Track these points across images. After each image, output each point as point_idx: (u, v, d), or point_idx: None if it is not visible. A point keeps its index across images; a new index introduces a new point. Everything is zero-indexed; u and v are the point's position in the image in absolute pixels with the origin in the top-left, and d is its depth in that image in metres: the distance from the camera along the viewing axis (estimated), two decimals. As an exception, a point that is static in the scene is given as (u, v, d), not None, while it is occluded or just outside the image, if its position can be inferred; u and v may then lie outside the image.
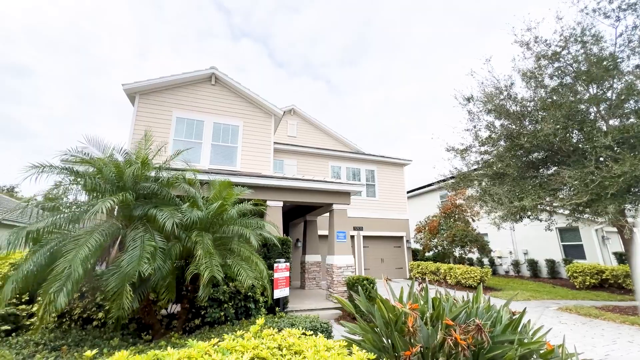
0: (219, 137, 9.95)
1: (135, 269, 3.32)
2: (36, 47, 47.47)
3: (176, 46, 62.80)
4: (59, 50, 48.86)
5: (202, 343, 2.39)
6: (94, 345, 3.68)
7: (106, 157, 4.29)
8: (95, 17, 45.01)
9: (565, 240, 14.49)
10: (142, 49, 60.31)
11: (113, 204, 3.36)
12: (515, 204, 7.64)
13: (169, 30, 59.17)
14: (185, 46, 63.45)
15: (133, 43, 58.55)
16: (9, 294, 3.25)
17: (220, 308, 4.76)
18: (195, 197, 4.37)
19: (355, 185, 8.34)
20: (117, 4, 48.65)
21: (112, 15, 46.83)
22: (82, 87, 55.12)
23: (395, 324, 3.02)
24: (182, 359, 2.11)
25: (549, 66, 8.71)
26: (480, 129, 10.03)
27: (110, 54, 54.75)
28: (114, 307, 3.43)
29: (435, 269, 13.33)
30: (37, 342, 3.65)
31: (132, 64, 61.64)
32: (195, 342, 2.44)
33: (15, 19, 40.83)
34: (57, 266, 3.30)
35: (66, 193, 4.01)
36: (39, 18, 43.63)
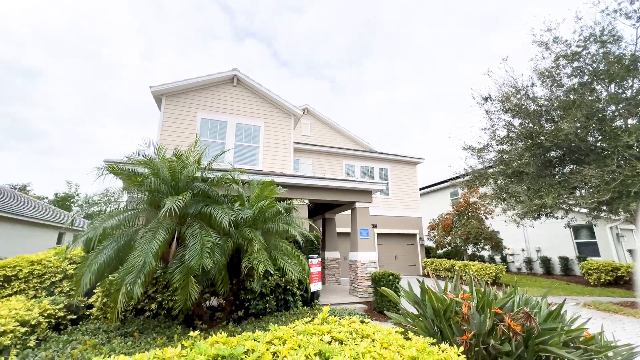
0: (242, 137, 10.23)
1: (198, 263, 3.60)
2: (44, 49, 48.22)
3: (181, 47, 63.13)
4: (65, 52, 49.52)
5: (285, 327, 2.67)
6: (157, 333, 3.98)
7: (159, 159, 4.57)
8: (100, 19, 45.51)
9: (579, 237, 14.58)
10: (147, 50, 60.88)
11: (181, 203, 3.64)
12: (535, 201, 7.81)
13: (173, 31, 59.60)
14: (191, 47, 63.72)
15: (138, 45, 59.16)
16: (87, 285, 3.56)
17: (263, 300, 5.04)
18: (241, 195, 4.65)
19: (377, 184, 8.58)
20: (120, 6, 49.15)
21: (116, 17, 47.38)
22: (90, 89, 55.87)
23: (444, 313, 3.27)
24: (274, 339, 2.38)
25: (568, 66, 8.83)
26: (497, 128, 10.19)
27: (115, 56, 55.35)
28: (180, 298, 3.73)
29: (449, 266, 13.53)
30: (105, 329, 3.96)
31: (138, 66, 62.33)
32: (275, 326, 2.72)
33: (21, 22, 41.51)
34: (128, 259, 3.61)
35: (124, 193, 4.29)
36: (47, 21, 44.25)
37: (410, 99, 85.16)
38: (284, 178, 7.56)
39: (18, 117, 49.21)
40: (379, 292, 7.05)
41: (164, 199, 4.06)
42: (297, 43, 74.73)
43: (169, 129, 9.41)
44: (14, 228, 13.19)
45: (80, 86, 53.56)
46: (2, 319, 3.26)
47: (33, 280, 4.69)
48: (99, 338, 3.55)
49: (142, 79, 66.21)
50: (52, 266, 4.87)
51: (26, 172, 51.57)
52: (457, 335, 3.00)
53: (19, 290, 4.59)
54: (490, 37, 50.41)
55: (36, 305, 3.86)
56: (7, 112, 47.55)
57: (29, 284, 4.67)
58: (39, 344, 3.46)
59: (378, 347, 2.28)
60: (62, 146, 55.38)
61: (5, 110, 46.99)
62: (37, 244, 15.07)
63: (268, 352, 2.09)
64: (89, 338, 3.49)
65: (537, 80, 9.63)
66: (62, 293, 4.76)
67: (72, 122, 55.88)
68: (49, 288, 4.74)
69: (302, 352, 2.09)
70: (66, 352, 3.12)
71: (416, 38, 64.81)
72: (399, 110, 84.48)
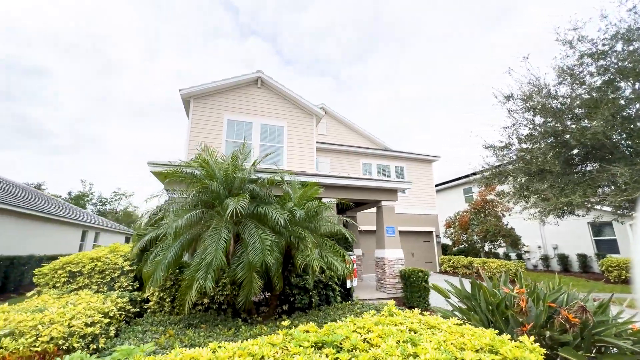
0: (266, 138, 10.49)
1: (260, 260, 3.86)
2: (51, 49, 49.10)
3: (185, 46, 63.58)
4: (71, 51, 50.26)
5: (359, 318, 2.91)
6: (216, 325, 4.26)
7: (212, 162, 4.83)
8: (104, 18, 46.05)
9: (597, 235, 14.57)
10: (151, 49, 61.47)
11: (244, 205, 3.89)
12: (562, 199, 7.92)
13: (177, 30, 60.01)
14: (195, 46, 64.13)
15: (142, 44, 59.70)
16: (160, 280, 3.85)
17: (307, 295, 5.30)
18: (290, 195, 4.89)
19: (403, 183, 8.77)
20: (126, 5, 49.68)
21: (120, 16, 47.88)
22: (95, 88, 56.73)
23: (497, 307, 3.48)
24: (357, 328, 2.62)
25: (592, 64, 8.86)
26: (519, 127, 10.26)
27: (120, 55, 56.01)
28: (243, 293, 4.00)
29: (467, 263, 13.67)
30: (171, 321, 4.26)
31: (143, 65, 63.00)
32: (351, 317, 2.96)
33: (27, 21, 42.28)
34: (196, 257, 3.88)
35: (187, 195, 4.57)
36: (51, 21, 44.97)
37: (411, 99, 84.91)
38: (314, 178, 7.79)
39: (26, 116, 50.37)
40: (409, 287, 7.28)
41: (223, 199, 4.33)
42: (301, 41, 74.70)
43: (197, 130, 9.70)
44: (44, 226, 13.71)
45: (83, 85, 54.45)
46: (88, 310, 3.56)
47: (95, 276, 5.01)
48: (175, 328, 3.84)
49: (147, 78, 66.94)
50: (110, 263, 5.19)
51: (35, 171, 52.89)
52: (514, 327, 3.20)
53: (83, 286, 4.92)
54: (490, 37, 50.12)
55: (108, 299, 4.17)
56: (15, 112, 48.63)
57: (91, 279, 4.99)
58: (117, 334, 3.77)
59: (456, 335, 2.50)
60: (68, 145, 56.51)
61: (14, 110, 48.06)
62: (64, 241, 15.63)
63: (360, 340, 2.34)
64: (164, 329, 3.78)
65: (558, 78, 9.68)
66: (120, 288, 5.08)
67: (77, 121, 56.90)
68: (109, 283, 5.06)
69: (392, 340, 2.33)
70: (148, 340, 3.41)
71: (418, 37, 64.50)
72: (400, 109, 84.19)
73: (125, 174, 60.30)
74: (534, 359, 2.14)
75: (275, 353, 2.03)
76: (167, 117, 72.96)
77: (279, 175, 5.15)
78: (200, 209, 4.36)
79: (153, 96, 68.35)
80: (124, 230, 25.84)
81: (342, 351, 2.14)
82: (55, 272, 4.90)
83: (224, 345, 2.13)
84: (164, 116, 72.17)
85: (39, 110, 51.53)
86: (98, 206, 43.25)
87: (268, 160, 10.36)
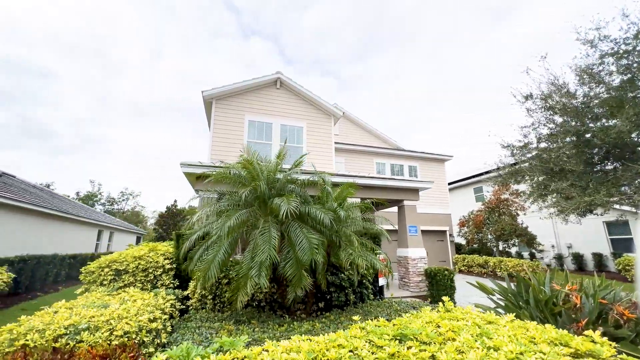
0: (286, 138, 10.60)
1: (309, 258, 3.98)
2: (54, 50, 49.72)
3: (189, 46, 63.81)
4: (73, 52, 50.74)
5: (426, 310, 3.01)
6: (264, 322, 4.38)
7: (255, 164, 4.95)
8: (106, 19, 46.45)
9: (613, 233, 14.54)
10: (155, 50, 61.81)
11: (294, 206, 4.01)
12: (585, 198, 7.96)
13: (179, 31, 60.28)
14: (198, 46, 64.38)
15: (145, 45, 60.05)
16: (213, 277, 3.98)
17: (343, 293, 5.41)
18: (330, 194, 5.00)
19: (424, 183, 8.85)
20: (128, 6, 50.11)
21: (122, 17, 48.29)
22: (98, 89, 57.27)
23: (545, 303, 3.57)
24: (425, 323, 2.72)
25: (614, 63, 8.87)
26: (538, 126, 10.29)
27: (122, 56, 56.48)
28: (291, 289, 4.12)
29: (483, 262, 13.71)
30: (218, 318, 4.39)
31: (146, 66, 63.35)
32: (415, 312, 3.07)
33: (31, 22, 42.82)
34: (246, 255, 4.01)
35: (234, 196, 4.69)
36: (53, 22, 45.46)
37: (411, 99, 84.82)
38: (342, 178, 7.90)
39: (30, 117, 51.00)
40: (435, 286, 7.37)
41: (267, 200, 4.46)
42: (302, 40, 74.76)
43: (220, 130, 9.85)
44: (63, 226, 13.96)
45: (86, 86, 55.00)
46: (147, 307, 3.70)
47: (139, 274, 5.16)
48: (229, 324, 3.98)
49: (148, 78, 67.23)
50: (152, 261, 5.33)
51: (36, 171, 53.58)
52: (566, 322, 3.29)
53: (128, 283, 5.07)
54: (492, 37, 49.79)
55: (159, 296, 4.31)
56: (20, 113, 49.23)
57: (136, 277, 5.14)
58: (173, 330, 3.90)
59: (521, 330, 2.59)
60: (70, 145, 57.10)
61: (18, 111, 48.67)
62: (81, 240, 15.88)
63: (435, 333, 2.44)
64: (219, 324, 3.91)
65: (576, 77, 9.69)
66: (163, 286, 5.23)
67: (78, 121, 57.47)
68: (152, 281, 5.21)
69: (466, 333, 2.43)
70: (206, 336, 3.54)
71: (419, 37, 64.28)
72: (400, 109, 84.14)
73: (126, 174, 60.84)
74: (606, 352, 2.22)
75: (364, 345, 2.14)
76: (166, 118, 73.33)
77: (317, 176, 5.27)
78: (245, 208, 4.48)
79: (154, 96, 68.78)
80: (135, 230, 26.14)
81: (422, 344, 2.25)
82: (102, 270, 5.05)
83: (313, 338, 2.24)
84: (163, 116, 72.56)
85: (42, 110, 52.10)
86: (106, 206, 43.70)
87: (289, 160, 10.49)
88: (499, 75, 66.18)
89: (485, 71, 71.07)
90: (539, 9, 35.89)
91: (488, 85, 68.84)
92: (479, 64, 61.94)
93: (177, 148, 70.28)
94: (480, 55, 54.50)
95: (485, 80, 71.84)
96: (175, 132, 74.51)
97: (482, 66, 65.22)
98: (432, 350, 2.07)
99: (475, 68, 67.55)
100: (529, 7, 38.42)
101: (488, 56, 55.96)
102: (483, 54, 55.52)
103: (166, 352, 1.87)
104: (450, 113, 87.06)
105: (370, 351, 2.05)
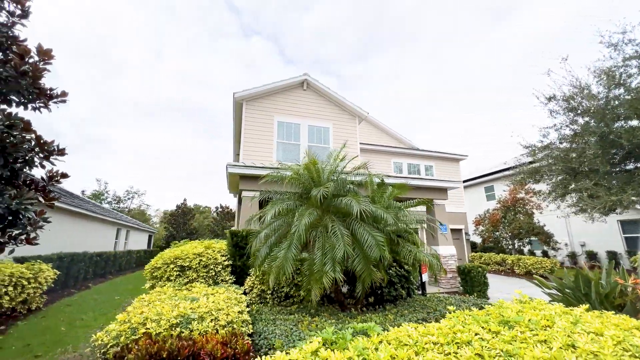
0: (313, 139, 10.85)
1: (377, 255, 4.23)
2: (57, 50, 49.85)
3: (189, 46, 63.59)
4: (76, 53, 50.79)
5: (503, 301, 3.26)
6: (331, 315, 4.63)
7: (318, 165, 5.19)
8: (107, 19, 46.51)
9: (627, 232, 14.81)
10: (156, 51, 61.68)
11: (365, 204, 4.26)
12: (612, 198, 8.22)
13: (181, 32, 60.23)
14: (199, 46, 64.16)
15: (146, 45, 60.05)
16: (289, 272, 4.23)
17: (393, 288, 5.67)
18: (387, 194, 5.25)
19: (453, 182, 9.11)
20: (129, 7, 50.18)
21: (124, 17, 48.34)
22: (101, 89, 57.42)
23: (606, 296, 3.82)
24: (518, 310, 2.96)
25: (638, 66, 9.10)
26: (561, 127, 10.54)
27: (123, 56, 56.64)
28: (359, 284, 4.37)
29: (500, 260, 13.99)
30: (282, 311, 4.65)
31: (147, 66, 63.22)
32: (503, 300, 3.31)
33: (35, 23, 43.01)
34: (317, 253, 4.26)
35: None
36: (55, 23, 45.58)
37: (412, 99, 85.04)
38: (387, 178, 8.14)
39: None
40: (469, 282, 7.63)
41: (330, 199, 4.70)
42: (303, 40, 74.81)
43: (250, 131, 10.08)
44: (88, 224, 14.21)
45: (87, 86, 55.13)
46: (230, 300, 3.95)
47: (201, 270, 5.41)
48: (310, 314, 4.24)
49: (149, 78, 67.26)
50: (211, 258, 5.59)
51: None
52: (630, 314, 3.54)
53: (192, 279, 5.32)
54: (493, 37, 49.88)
55: (231, 291, 4.56)
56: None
57: (198, 273, 5.39)
58: (252, 322, 4.15)
59: (603, 319, 2.84)
60: (73, 145, 57.29)
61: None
62: (102, 238, 16.14)
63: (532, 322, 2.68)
64: (293, 317, 4.17)
65: (598, 79, 9.92)
66: (222, 281, 5.48)
67: (81, 122, 57.66)
68: (214, 277, 5.47)
69: (560, 321, 2.68)
70: (285, 326, 3.79)
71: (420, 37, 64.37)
72: (400, 109, 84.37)
73: (126, 174, 61.08)
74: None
75: (481, 329, 2.40)
76: (166, 118, 73.35)
77: (369, 177, 5.53)
78: (312, 207, 4.73)
79: (154, 96, 68.81)
80: (148, 229, 26.40)
81: (530, 330, 2.50)
82: (168, 267, 5.30)
83: (425, 325, 2.49)
84: (163, 116, 72.60)
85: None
86: (112, 204, 43.94)
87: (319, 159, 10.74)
88: (499, 75, 66.45)
89: (486, 71, 71.19)
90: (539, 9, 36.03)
91: (488, 85, 69.00)
92: (479, 64, 62.03)
93: (177, 148, 70.40)
94: (480, 55, 54.67)
95: (485, 80, 71.99)
96: (175, 132, 74.54)
97: (482, 66, 65.29)
98: (543, 335, 2.32)
99: (475, 68, 67.65)
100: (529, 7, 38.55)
101: (488, 56, 56.11)
102: (483, 54, 55.68)
103: (319, 335, 2.11)
104: (450, 113, 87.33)
105: (490, 335, 2.30)
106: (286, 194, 5.42)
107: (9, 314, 6.71)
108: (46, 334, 5.65)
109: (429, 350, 2.01)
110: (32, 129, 4.48)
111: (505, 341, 2.19)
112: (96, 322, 6.26)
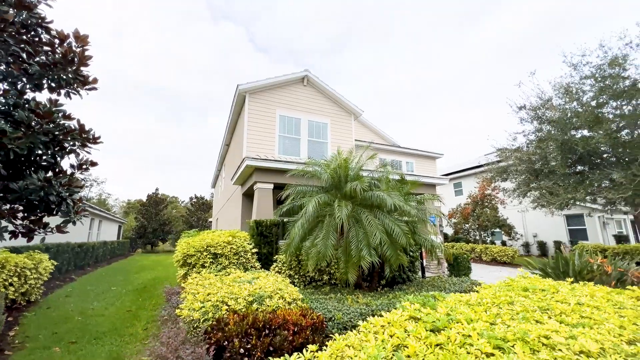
0: (313, 134, 11.28)
1: (405, 241, 4.94)
2: None
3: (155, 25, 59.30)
4: None
5: (518, 277, 4.10)
6: (363, 295, 5.26)
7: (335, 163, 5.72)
8: None
9: (570, 225, 17.34)
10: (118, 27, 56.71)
11: (398, 199, 4.90)
12: (568, 195, 9.82)
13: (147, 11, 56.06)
14: (166, 27, 60.17)
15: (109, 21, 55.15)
16: (328, 257, 4.78)
17: (403, 271, 6.47)
18: (402, 189, 5.95)
19: (441, 179, 10.15)
20: None
21: None
22: None
23: (579, 272, 4.90)
24: (529, 282, 3.81)
25: (595, 85, 10.76)
26: (528, 133, 12.12)
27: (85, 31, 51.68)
28: (387, 266, 5.06)
29: (470, 249, 15.68)
30: (322, 292, 5.20)
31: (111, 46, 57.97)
32: (509, 276, 4.14)
33: None
34: (353, 240, 4.86)
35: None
36: None
37: (390, 94, 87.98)
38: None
39: None
40: (456, 267, 8.73)
41: (359, 194, 5.29)
42: (277, 28, 73.52)
43: (254, 123, 10.25)
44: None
45: None
46: (277, 282, 4.41)
47: (232, 257, 5.71)
48: (342, 293, 4.82)
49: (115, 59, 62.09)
50: (240, 245, 5.91)
51: None
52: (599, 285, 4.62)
53: (225, 265, 5.62)
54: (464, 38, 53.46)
55: (272, 275, 4.99)
56: None
57: (230, 260, 5.68)
58: (295, 301, 4.65)
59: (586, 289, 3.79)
60: None
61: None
62: (76, 228, 15.23)
63: (542, 289, 3.53)
64: (334, 296, 4.74)
65: (560, 93, 11.54)
66: (252, 267, 5.85)
67: None
68: (244, 264, 5.81)
69: (563, 287, 3.56)
70: (330, 304, 4.37)
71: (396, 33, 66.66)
72: (377, 104, 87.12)
73: None
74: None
75: (512, 295, 3.17)
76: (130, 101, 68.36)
77: (387, 173, 6.21)
78: (345, 200, 5.29)
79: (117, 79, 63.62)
80: (118, 219, 24.98)
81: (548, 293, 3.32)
82: (201, 254, 5.53)
83: (463, 295, 3.21)
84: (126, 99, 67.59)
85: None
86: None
87: (314, 155, 11.21)
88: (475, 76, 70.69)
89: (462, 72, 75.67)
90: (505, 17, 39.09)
91: (463, 86, 73.51)
92: (456, 63, 65.93)
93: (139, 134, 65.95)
94: (459, 54, 58.00)
95: (461, 80, 76.63)
96: (142, 117, 69.75)
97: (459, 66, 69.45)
98: (558, 297, 3.16)
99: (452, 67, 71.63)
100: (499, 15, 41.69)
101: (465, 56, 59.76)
102: (460, 54, 59.12)
103: (409, 299, 2.72)
104: (427, 112, 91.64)
105: (523, 297, 3.08)
106: (314, 188, 5.91)
107: (10, 305, 6.45)
108: (67, 322, 5.63)
109: (491, 307, 2.72)
110: (73, 117, 4.46)
111: (535, 301, 2.98)
112: (108, 311, 6.30)
